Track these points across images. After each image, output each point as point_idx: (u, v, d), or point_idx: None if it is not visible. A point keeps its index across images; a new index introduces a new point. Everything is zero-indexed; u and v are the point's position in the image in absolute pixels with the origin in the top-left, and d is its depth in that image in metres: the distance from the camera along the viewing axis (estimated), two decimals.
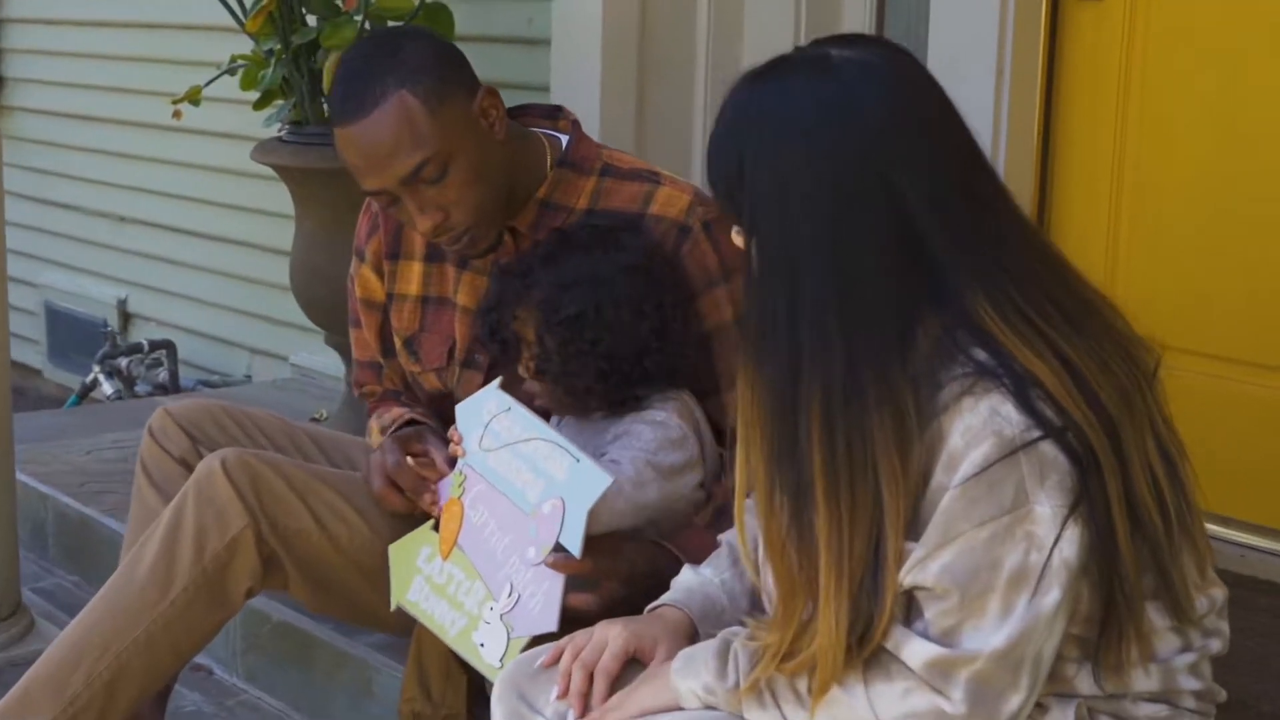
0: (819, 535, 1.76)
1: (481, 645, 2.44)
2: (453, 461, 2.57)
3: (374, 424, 2.90)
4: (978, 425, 1.72)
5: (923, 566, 1.74)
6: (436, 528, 2.59)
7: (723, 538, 2.19)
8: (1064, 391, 1.74)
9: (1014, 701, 1.75)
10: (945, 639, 1.75)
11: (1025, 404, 1.72)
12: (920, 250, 1.77)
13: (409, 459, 2.65)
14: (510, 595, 2.40)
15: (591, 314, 2.50)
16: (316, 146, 3.94)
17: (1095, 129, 3.44)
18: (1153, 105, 3.37)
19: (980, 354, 1.75)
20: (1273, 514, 3.18)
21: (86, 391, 5.56)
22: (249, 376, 5.49)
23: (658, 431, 2.52)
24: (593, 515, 2.31)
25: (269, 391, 5.05)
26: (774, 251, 1.78)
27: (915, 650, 1.76)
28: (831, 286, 1.75)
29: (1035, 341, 1.76)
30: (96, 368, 5.54)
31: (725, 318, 2.66)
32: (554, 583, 2.37)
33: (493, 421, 2.50)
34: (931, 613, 1.76)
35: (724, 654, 1.89)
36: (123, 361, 5.56)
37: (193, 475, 2.71)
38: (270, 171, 4.18)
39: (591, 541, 2.34)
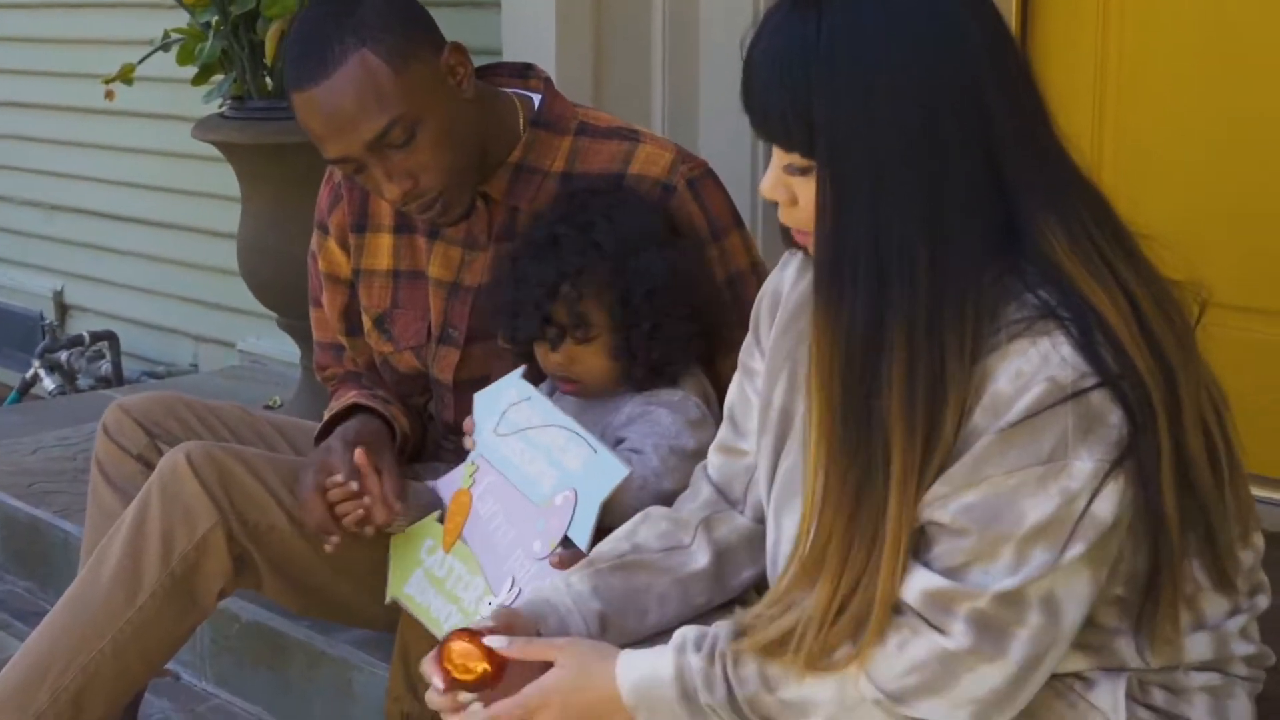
0: (890, 488, 1.67)
1: None
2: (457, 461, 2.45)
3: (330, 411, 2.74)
4: (1029, 370, 1.64)
5: (942, 503, 1.68)
6: (443, 519, 2.44)
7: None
8: (1128, 334, 1.66)
9: (1022, 636, 1.67)
10: (950, 574, 1.68)
11: (1086, 346, 1.64)
12: (1000, 177, 1.68)
13: (329, 483, 2.47)
14: (511, 589, 2.27)
15: (670, 276, 2.37)
16: (261, 121, 3.79)
17: (1075, 48, 3.31)
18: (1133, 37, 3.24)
19: (1045, 292, 1.67)
20: (1266, 463, 3.05)
21: (27, 388, 5.35)
22: (195, 365, 5.31)
23: (677, 414, 2.39)
24: (608, 508, 2.19)
25: (217, 380, 4.87)
26: (853, 181, 1.67)
27: (915, 581, 1.69)
28: (919, 215, 1.65)
29: (1104, 277, 1.68)
30: (36, 362, 5.32)
31: (717, 279, 2.52)
32: (556, 576, 2.22)
33: (510, 410, 2.38)
34: (941, 548, 1.69)
35: (711, 659, 1.80)
36: (63, 355, 5.35)
37: (155, 471, 2.55)
38: (211, 151, 4.01)
39: (602, 535, 2.20)
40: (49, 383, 5.31)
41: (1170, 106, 3.21)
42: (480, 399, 2.44)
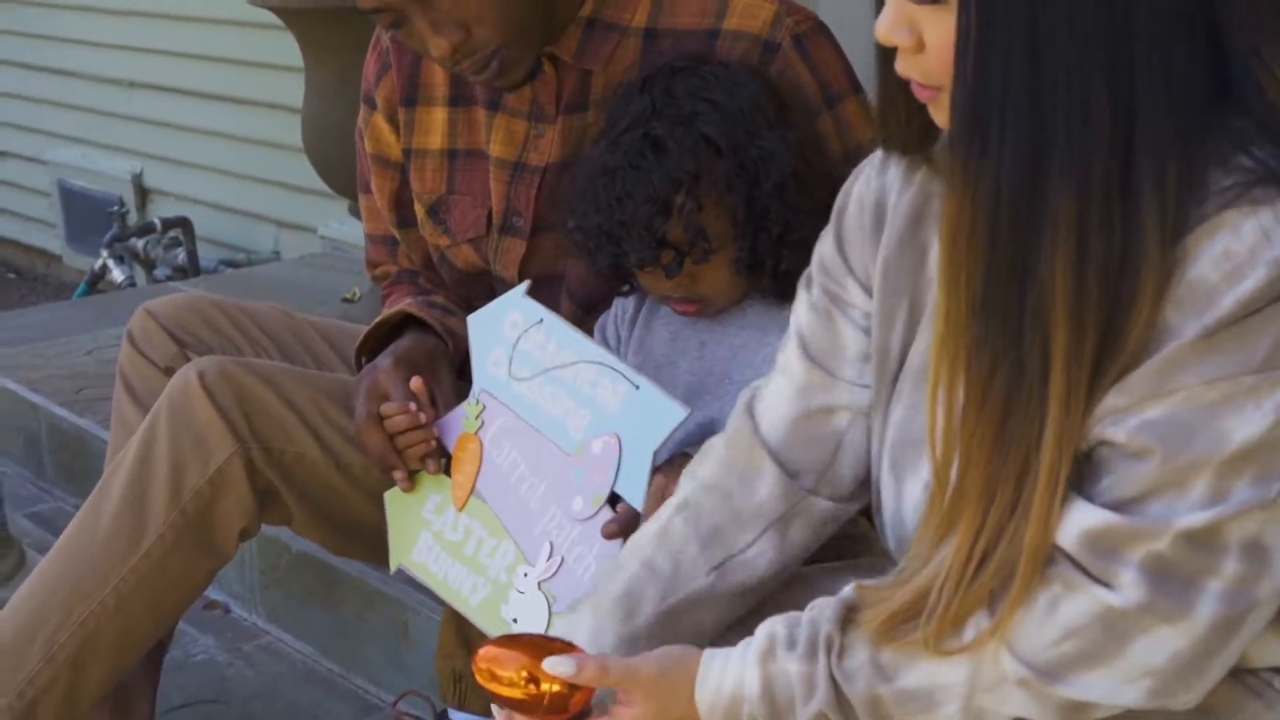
0: (1049, 405, 1.33)
1: (514, 621, 1.95)
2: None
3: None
4: (1242, 251, 1.30)
5: (1118, 418, 1.33)
6: (449, 470, 2.06)
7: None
8: None
9: (1213, 589, 1.32)
10: (1121, 508, 1.33)
11: None
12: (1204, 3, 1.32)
13: (385, 410, 2.08)
14: (551, 558, 1.92)
15: (795, 164, 1.95)
16: None
17: None
18: None
19: (1263, 151, 1.31)
20: None
21: (96, 279, 5.03)
22: (277, 253, 4.98)
23: None
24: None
25: (298, 269, 4.55)
26: (1004, 3, 1.30)
27: (1074, 518, 1.34)
28: (1095, 46, 1.29)
29: None
30: (104, 252, 4.99)
31: (834, 156, 2.07)
32: (608, 543, 1.87)
33: (521, 340, 1.99)
34: (1113, 477, 1.35)
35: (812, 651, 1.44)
36: (138, 243, 5.03)
37: (164, 392, 2.17)
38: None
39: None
40: (118, 274, 4.99)
41: None
42: (476, 323, 2.06)
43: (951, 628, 1.37)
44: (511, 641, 1.49)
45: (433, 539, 2.07)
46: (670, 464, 1.90)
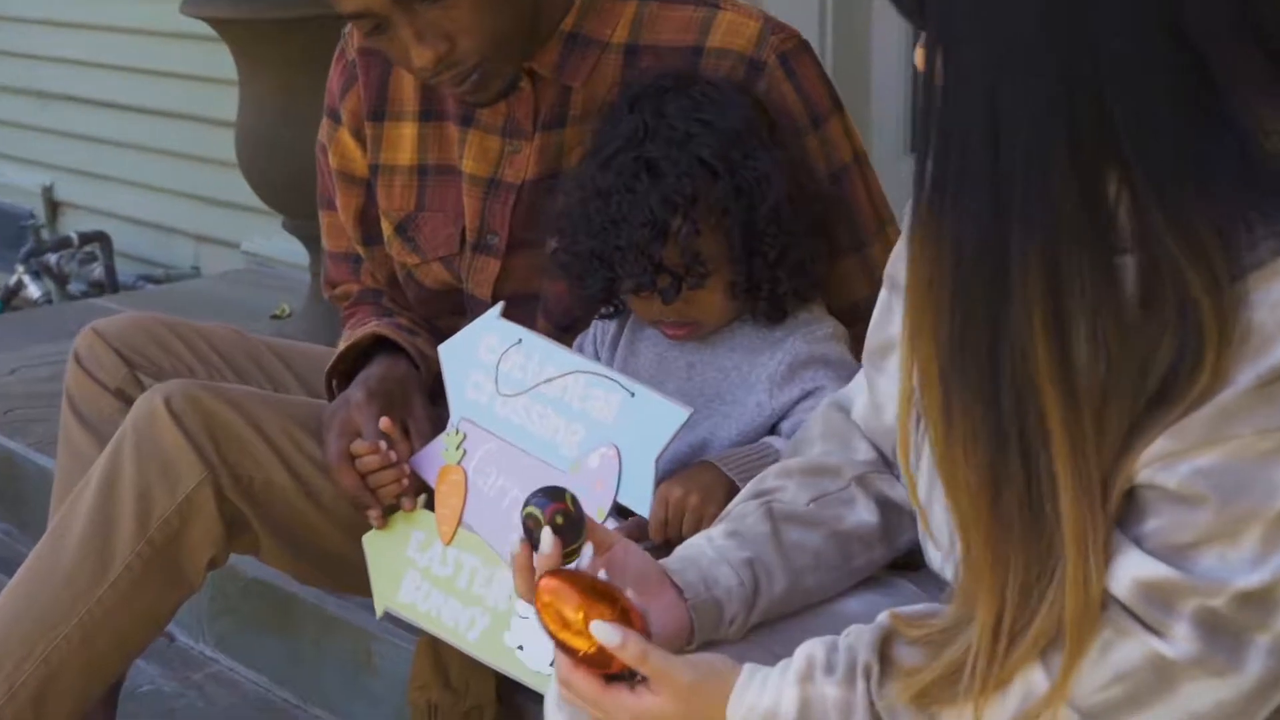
0: (1055, 457, 1.29)
1: (519, 649, 1.90)
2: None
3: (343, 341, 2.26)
4: None
5: (1169, 464, 1.30)
6: (431, 504, 2.00)
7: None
8: None
9: (1262, 645, 1.31)
10: (1173, 556, 1.31)
11: None
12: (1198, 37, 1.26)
13: (357, 448, 2.03)
14: None
15: (787, 184, 1.93)
16: None
17: None
18: None
19: None
20: None
21: (10, 295, 4.89)
22: (196, 268, 4.87)
23: (831, 337, 1.99)
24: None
25: (220, 286, 4.45)
26: (967, 50, 1.28)
27: (1125, 565, 1.31)
28: (1052, 98, 1.25)
29: None
30: (20, 267, 4.87)
31: (820, 176, 2.04)
32: None
33: (501, 362, 1.93)
34: (1162, 521, 1.32)
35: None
36: (51, 258, 4.90)
37: (128, 418, 2.10)
38: (211, 30, 3.52)
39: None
40: (34, 289, 4.87)
41: None
42: (448, 352, 2.01)
43: (996, 689, 1.35)
44: (574, 580, 1.45)
45: (420, 577, 2.01)
46: (674, 476, 1.86)
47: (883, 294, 1.68)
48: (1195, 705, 1.32)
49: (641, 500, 1.82)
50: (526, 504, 1.50)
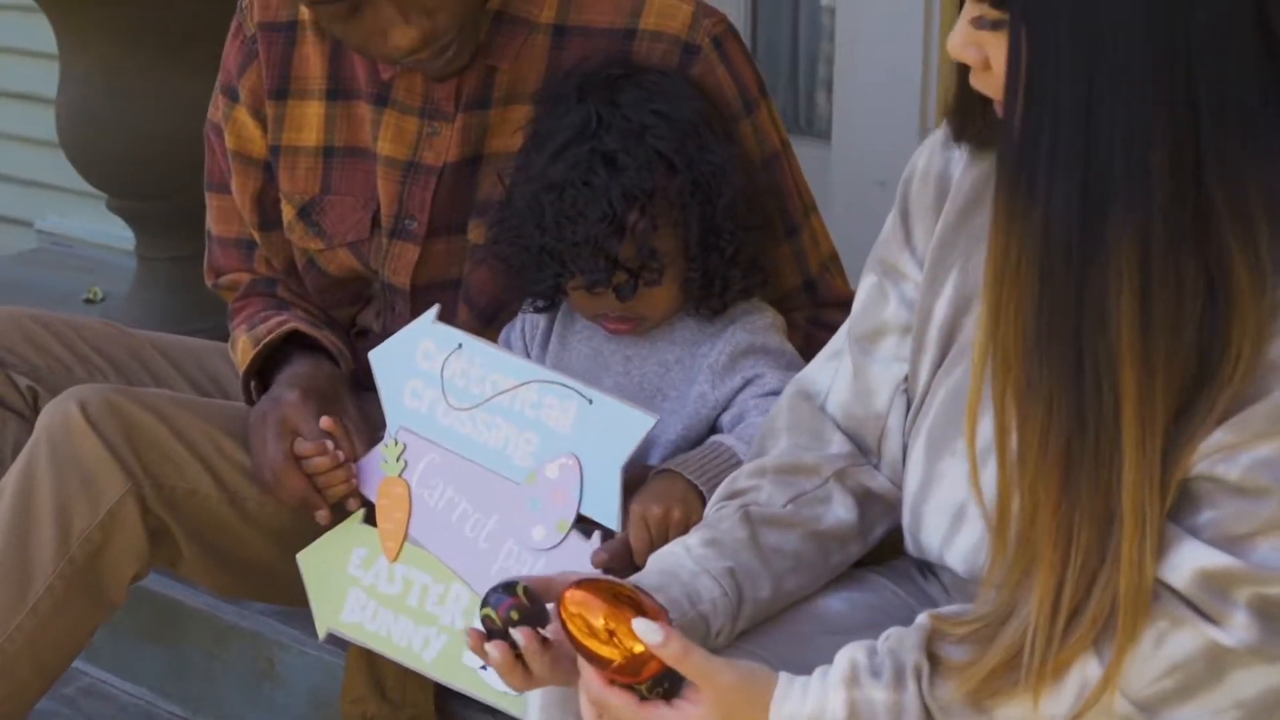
0: (1123, 445, 1.30)
1: (482, 668, 1.81)
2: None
3: (242, 336, 2.15)
4: None
5: (1229, 456, 1.32)
6: (371, 519, 1.90)
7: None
8: None
9: None
10: (1231, 546, 1.33)
11: None
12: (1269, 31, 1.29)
13: (301, 450, 1.94)
14: None
15: (738, 177, 1.87)
16: None
17: None
18: None
19: None
20: None
21: None
22: None
23: (771, 327, 1.92)
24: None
25: (16, 267, 4.20)
26: (1056, 34, 1.27)
27: (1184, 555, 1.33)
28: (1155, 70, 1.26)
29: None
30: None
31: (754, 161, 2.00)
32: (579, 568, 1.75)
33: (445, 370, 1.85)
34: (1219, 511, 1.34)
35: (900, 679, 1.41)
36: None
37: (39, 427, 1.96)
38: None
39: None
40: None
41: None
42: (380, 360, 1.91)
43: (1053, 679, 1.35)
44: (597, 588, 1.41)
45: (365, 596, 1.91)
46: (644, 492, 1.79)
47: (872, 279, 1.66)
48: (1242, 693, 1.34)
49: (608, 512, 1.75)
50: (483, 605, 1.49)
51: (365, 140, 2.09)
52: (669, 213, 1.84)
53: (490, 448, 1.81)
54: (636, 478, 1.82)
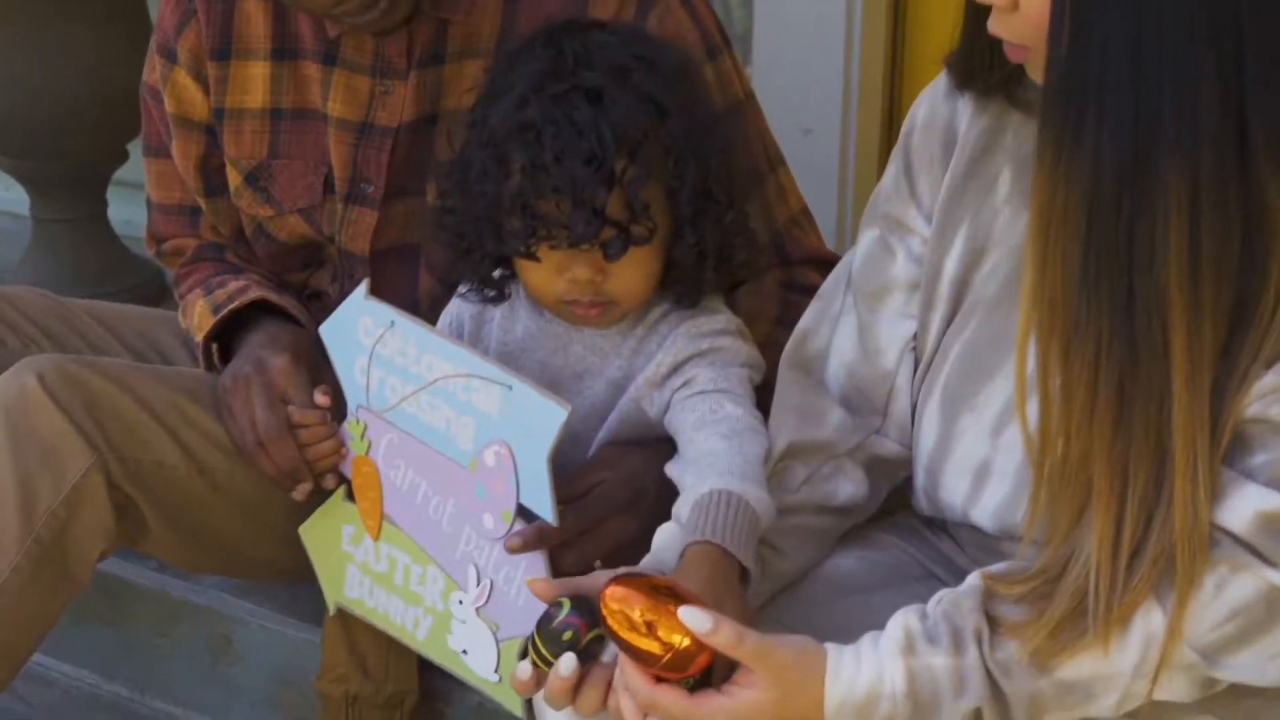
0: (1173, 375, 1.28)
1: (464, 652, 1.78)
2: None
3: (198, 301, 2.08)
4: None
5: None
6: (351, 495, 1.86)
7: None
8: None
9: None
10: None
11: None
12: None
13: (307, 415, 1.88)
14: (480, 583, 1.74)
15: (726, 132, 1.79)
16: None
17: None
18: None
19: None
20: None
21: None
22: None
23: (722, 332, 1.78)
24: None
25: None
26: None
27: (1243, 499, 1.31)
28: (1202, 5, 1.24)
29: None
30: None
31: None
32: (534, 558, 1.70)
33: (378, 348, 1.76)
34: (1273, 454, 1.32)
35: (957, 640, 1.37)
36: None
37: None
38: None
39: (577, 475, 1.76)
40: None
41: None
42: (330, 333, 1.82)
43: (1120, 627, 1.33)
44: (635, 583, 1.36)
45: (360, 572, 1.86)
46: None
47: (874, 233, 1.62)
48: None
49: (542, 503, 1.65)
50: (542, 632, 1.45)
51: (314, 101, 2.03)
52: (660, 163, 1.66)
53: (436, 429, 1.73)
54: (577, 476, 1.77)
